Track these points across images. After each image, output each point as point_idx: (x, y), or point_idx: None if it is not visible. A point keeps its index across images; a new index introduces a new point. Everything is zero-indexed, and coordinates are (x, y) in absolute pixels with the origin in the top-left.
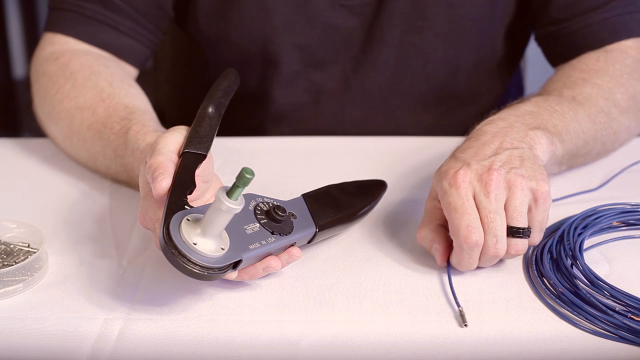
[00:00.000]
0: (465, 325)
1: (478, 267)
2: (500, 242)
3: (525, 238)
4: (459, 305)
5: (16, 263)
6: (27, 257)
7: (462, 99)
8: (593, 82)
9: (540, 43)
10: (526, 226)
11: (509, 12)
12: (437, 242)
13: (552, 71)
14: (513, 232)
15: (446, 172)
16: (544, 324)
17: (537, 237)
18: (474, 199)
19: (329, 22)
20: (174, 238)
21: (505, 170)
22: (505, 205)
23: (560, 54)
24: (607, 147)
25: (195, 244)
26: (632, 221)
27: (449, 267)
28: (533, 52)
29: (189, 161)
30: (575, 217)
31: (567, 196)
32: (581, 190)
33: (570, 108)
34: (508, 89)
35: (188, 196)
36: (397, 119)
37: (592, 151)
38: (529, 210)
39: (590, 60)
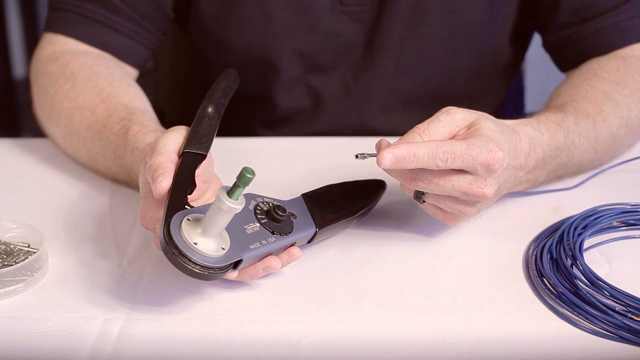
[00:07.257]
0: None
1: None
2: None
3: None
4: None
5: (16, 263)
6: (27, 257)
7: (461, 102)
8: (613, 98)
9: (549, 49)
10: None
11: (510, 18)
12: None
13: (552, 73)
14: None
15: (493, 139)
16: (544, 324)
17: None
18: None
19: (330, 29)
20: (174, 238)
21: (496, 184)
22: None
23: (570, 59)
24: (603, 163)
25: (195, 244)
26: (632, 221)
27: None
28: (533, 53)
29: (189, 161)
30: (575, 217)
31: (544, 192)
32: (558, 188)
33: (586, 138)
34: (508, 91)
35: (188, 196)
36: (395, 122)
37: (583, 169)
38: (462, 201)
39: (611, 69)
